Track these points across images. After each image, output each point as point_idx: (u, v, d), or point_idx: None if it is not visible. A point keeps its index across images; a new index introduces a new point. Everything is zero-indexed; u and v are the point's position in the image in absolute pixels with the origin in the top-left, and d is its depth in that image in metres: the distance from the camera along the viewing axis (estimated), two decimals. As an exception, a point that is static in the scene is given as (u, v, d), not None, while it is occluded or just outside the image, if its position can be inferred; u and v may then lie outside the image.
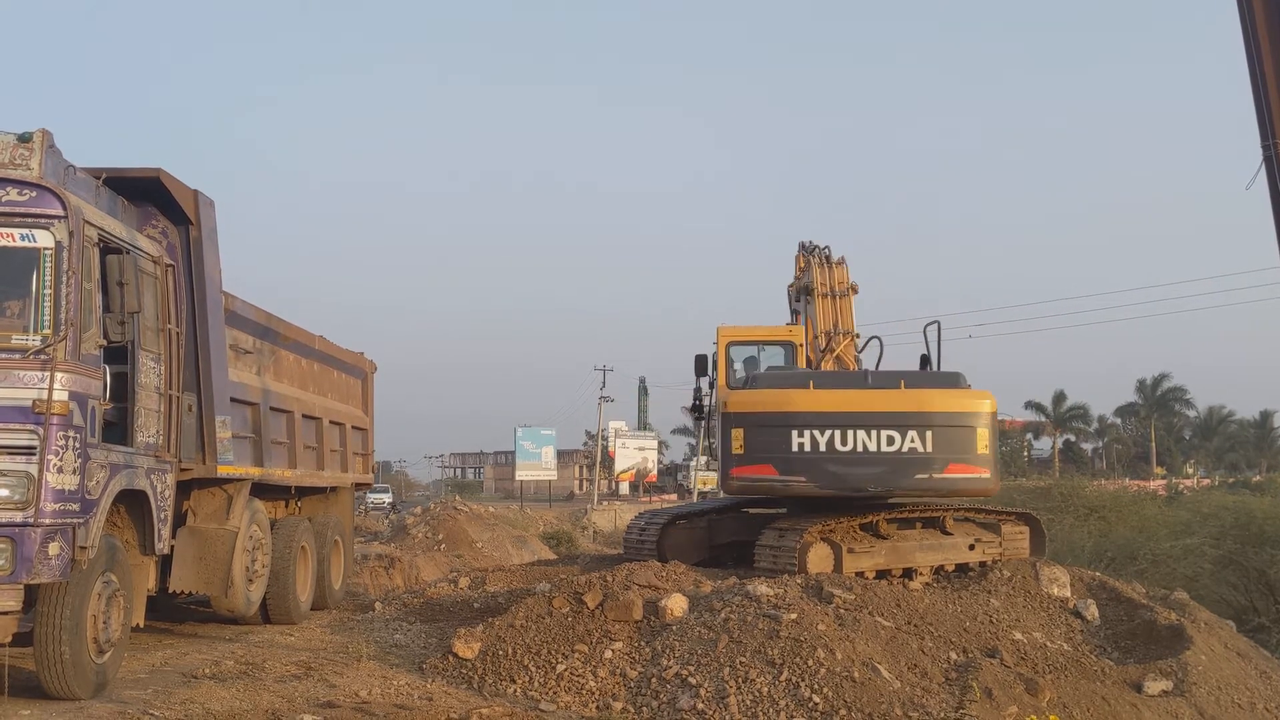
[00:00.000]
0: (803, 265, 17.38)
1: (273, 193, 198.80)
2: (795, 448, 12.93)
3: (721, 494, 13.12)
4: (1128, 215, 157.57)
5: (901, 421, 12.97)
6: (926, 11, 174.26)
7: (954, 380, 13.62)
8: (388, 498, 62.21)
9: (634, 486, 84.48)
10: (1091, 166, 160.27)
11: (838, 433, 12.91)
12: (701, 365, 15.81)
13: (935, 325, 14.61)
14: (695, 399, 16.30)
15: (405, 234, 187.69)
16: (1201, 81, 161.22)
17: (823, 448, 12.91)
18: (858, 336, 15.79)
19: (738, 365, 15.32)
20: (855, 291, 16.07)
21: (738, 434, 12.94)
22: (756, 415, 13.07)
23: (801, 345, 15.46)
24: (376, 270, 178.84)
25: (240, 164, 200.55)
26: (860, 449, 12.93)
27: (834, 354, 15.37)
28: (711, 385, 15.82)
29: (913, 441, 12.95)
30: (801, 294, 16.80)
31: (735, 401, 13.20)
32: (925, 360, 14.44)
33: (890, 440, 12.95)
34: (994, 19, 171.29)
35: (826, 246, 16.67)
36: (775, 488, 13.14)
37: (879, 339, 15.37)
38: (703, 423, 16.87)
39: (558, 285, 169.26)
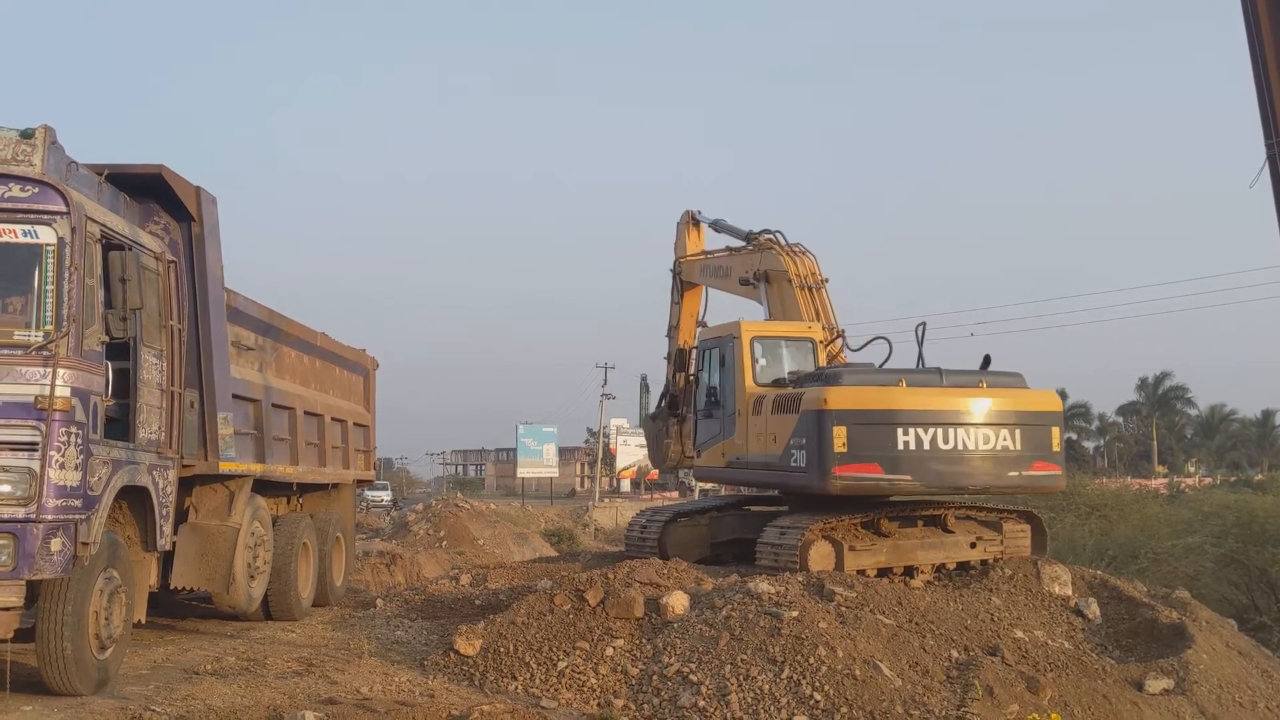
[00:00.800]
0: (692, 238, 18.35)
1: (274, 190, 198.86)
2: (901, 446, 12.88)
3: (831, 488, 12.76)
4: (1128, 214, 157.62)
5: (996, 420, 13.25)
6: (926, 10, 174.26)
7: (1019, 380, 13.90)
8: (387, 495, 61.42)
9: (635, 484, 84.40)
10: (1092, 165, 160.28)
11: (940, 431, 12.99)
12: (682, 361, 16.27)
13: (922, 325, 14.67)
14: (669, 393, 16.56)
15: (407, 231, 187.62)
16: (1202, 80, 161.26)
17: (927, 446, 12.92)
18: (843, 333, 15.61)
19: (762, 361, 14.99)
20: (827, 282, 16.02)
21: (840, 432, 12.71)
22: (862, 413, 12.90)
23: (822, 342, 15.19)
24: (377, 267, 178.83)
25: (243, 161, 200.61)
26: (960, 447, 13.05)
27: (825, 349, 15.24)
28: (690, 380, 16.12)
29: (1005, 440, 13.24)
30: (759, 280, 16.37)
31: (837, 399, 12.90)
32: (987, 360, 14.31)
33: (986, 439, 13.17)
34: (994, 18, 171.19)
35: (779, 231, 16.60)
36: (882, 486, 13.08)
37: (887, 339, 15.17)
38: (674, 420, 16.72)
39: (559, 283, 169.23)
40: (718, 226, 18.39)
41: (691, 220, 18.79)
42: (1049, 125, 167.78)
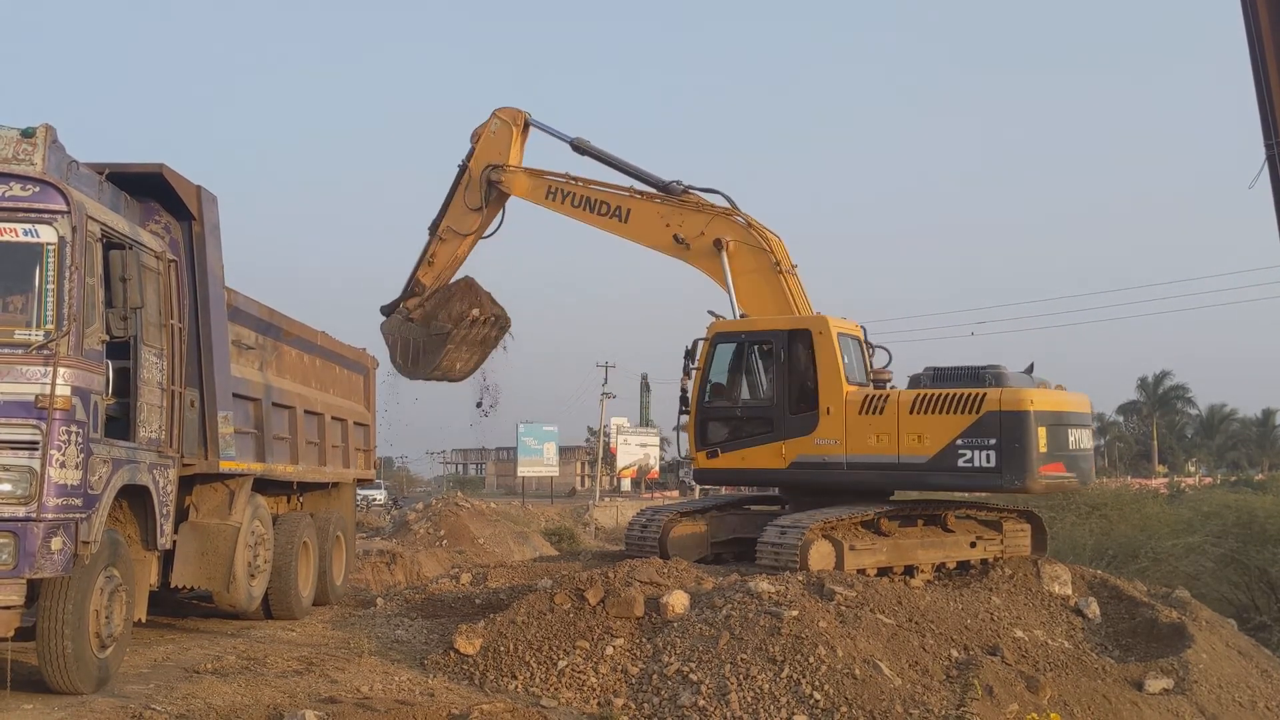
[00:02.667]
0: (515, 146, 16.63)
1: (273, 188, 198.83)
2: (1071, 446, 13.59)
3: (1034, 488, 13.09)
4: (1129, 213, 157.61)
5: (1087, 423, 14.44)
6: (930, 6, 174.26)
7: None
8: (380, 494, 59.63)
9: (636, 483, 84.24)
10: (1093, 164, 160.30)
11: (1083, 432, 14.06)
12: (739, 355, 14.79)
13: (863, 329, 14.79)
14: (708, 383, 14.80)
15: (404, 227, 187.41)
16: (1203, 80, 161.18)
17: (1083, 446, 13.93)
18: None
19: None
20: (796, 268, 15.33)
21: (1042, 433, 13.09)
22: (1053, 414, 13.34)
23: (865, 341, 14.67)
24: (376, 264, 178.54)
25: (242, 161, 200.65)
26: (1086, 446, 14.09)
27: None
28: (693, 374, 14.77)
29: (1090, 438, 14.45)
30: (719, 249, 14.99)
31: (1040, 400, 13.21)
32: (1031, 366, 14.48)
33: (1089, 439, 14.33)
34: (996, 17, 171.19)
35: (719, 192, 15.43)
36: (1066, 485, 13.85)
37: (886, 349, 15.02)
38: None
39: (560, 282, 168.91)
40: (581, 147, 16.61)
41: (521, 126, 16.83)
42: (1051, 122, 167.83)
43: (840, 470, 13.84)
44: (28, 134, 8.53)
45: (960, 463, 13.11)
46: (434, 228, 17.09)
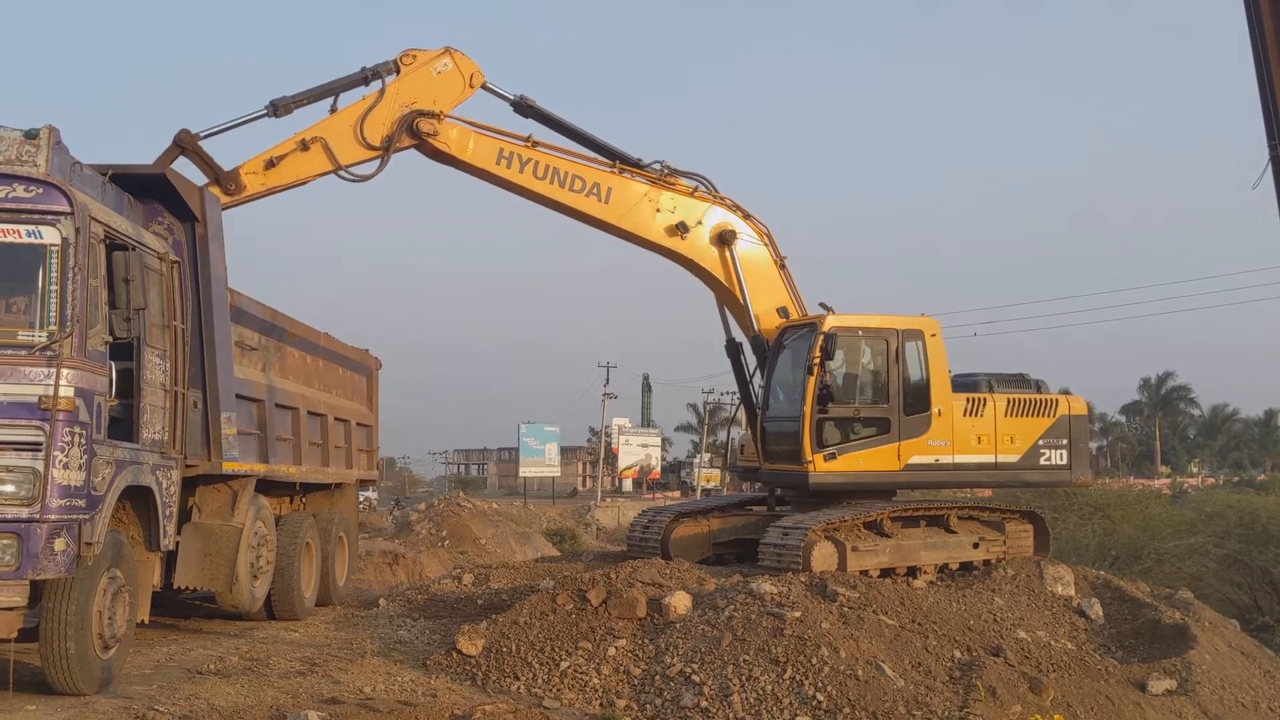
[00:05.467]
0: (438, 71, 13.43)
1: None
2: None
3: (1087, 482, 17.08)
4: (1129, 213, 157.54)
5: None
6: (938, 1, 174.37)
7: None
8: (371, 493, 55.31)
9: (637, 484, 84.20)
10: (1093, 164, 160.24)
11: None
12: (853, 354, 14.11)
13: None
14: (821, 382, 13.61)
15: (405, 232, 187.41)
16: (1204, 79, 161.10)
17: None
18: None
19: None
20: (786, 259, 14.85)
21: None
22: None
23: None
24: (378, 269, 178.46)
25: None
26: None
27: None
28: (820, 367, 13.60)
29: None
30: (726, 241, 14.37)
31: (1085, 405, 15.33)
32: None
33: None
34: (1000, 17, 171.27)
35: (703, 178, 14.47)
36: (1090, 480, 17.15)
37: None
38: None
39: (561, 280, 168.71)
40: (529, 106, 14.00)
41: (469, 80, 13.69)
42: (1053, 121, 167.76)
43: (949, 471, 14.30)
44: (31, 135, 8.54)
45: (1041, 461, 14.64)
46: (278, 109, 12.86)
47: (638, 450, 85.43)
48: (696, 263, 14.66)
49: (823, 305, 14.31)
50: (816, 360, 13.52)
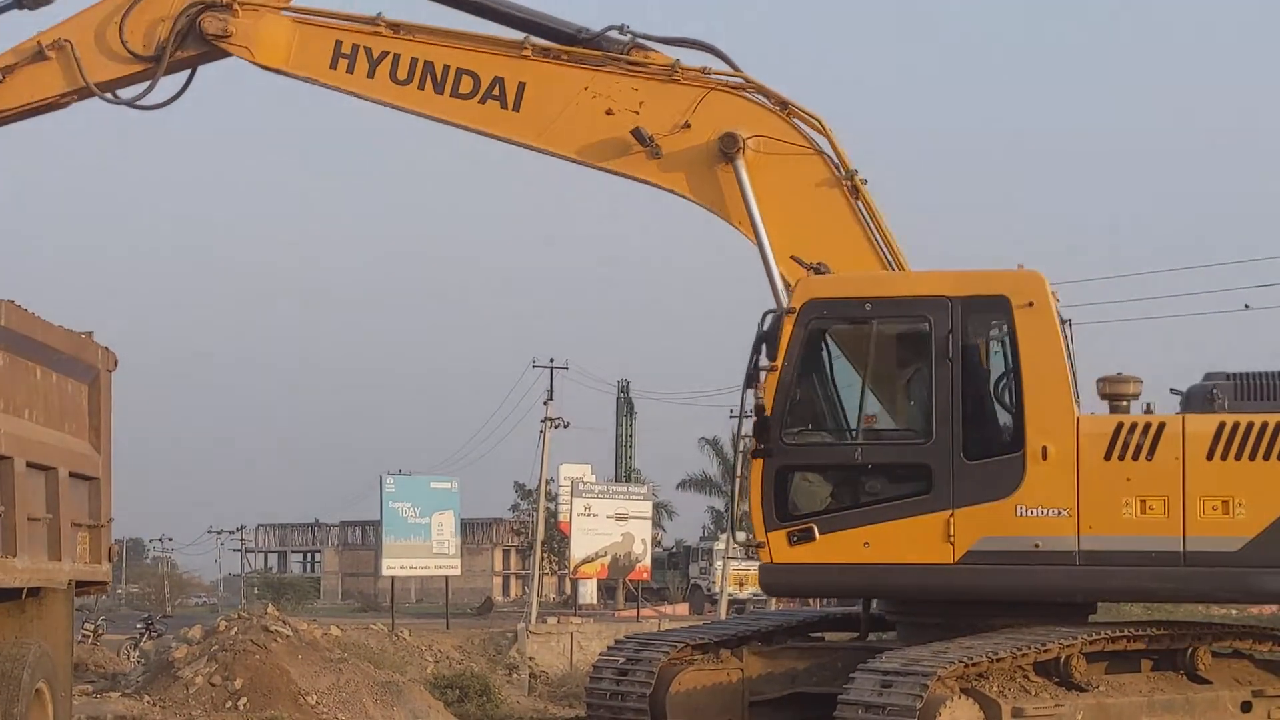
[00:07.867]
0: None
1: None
2: None
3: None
4: (1131, 213, 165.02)
5: None
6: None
7: None
8: (100, 619, 34.95)
9: (607, 589, 52.21)
10: (1094, 165, 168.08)
11: None
12: (856, 346, 9.60)
13: None
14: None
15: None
16: (1203, 80, 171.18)
17: None
18: None
19: None
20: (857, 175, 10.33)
21: None
22: None
23: None
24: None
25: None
26: None
27: None
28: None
29: None
30: (733, 154, 9.78)
31: None
32: None
33: None
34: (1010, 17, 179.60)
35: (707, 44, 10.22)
36: None
37: None
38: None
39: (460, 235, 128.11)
40: None
41: None
42: (1054, 121, 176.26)
43: (1070, 567, 9.11)
44: None
45: None
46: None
47: (606, 526, 48.68)
48: (688, 198, 10.17)
49: (795, 259, 9.42)
50: (771, 363, 9.06)
